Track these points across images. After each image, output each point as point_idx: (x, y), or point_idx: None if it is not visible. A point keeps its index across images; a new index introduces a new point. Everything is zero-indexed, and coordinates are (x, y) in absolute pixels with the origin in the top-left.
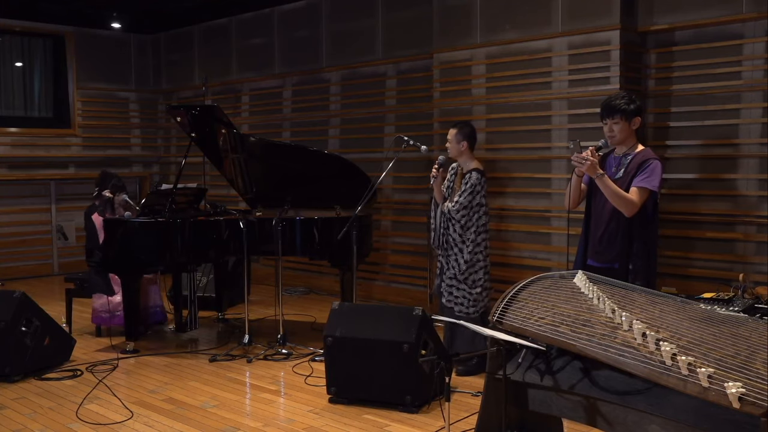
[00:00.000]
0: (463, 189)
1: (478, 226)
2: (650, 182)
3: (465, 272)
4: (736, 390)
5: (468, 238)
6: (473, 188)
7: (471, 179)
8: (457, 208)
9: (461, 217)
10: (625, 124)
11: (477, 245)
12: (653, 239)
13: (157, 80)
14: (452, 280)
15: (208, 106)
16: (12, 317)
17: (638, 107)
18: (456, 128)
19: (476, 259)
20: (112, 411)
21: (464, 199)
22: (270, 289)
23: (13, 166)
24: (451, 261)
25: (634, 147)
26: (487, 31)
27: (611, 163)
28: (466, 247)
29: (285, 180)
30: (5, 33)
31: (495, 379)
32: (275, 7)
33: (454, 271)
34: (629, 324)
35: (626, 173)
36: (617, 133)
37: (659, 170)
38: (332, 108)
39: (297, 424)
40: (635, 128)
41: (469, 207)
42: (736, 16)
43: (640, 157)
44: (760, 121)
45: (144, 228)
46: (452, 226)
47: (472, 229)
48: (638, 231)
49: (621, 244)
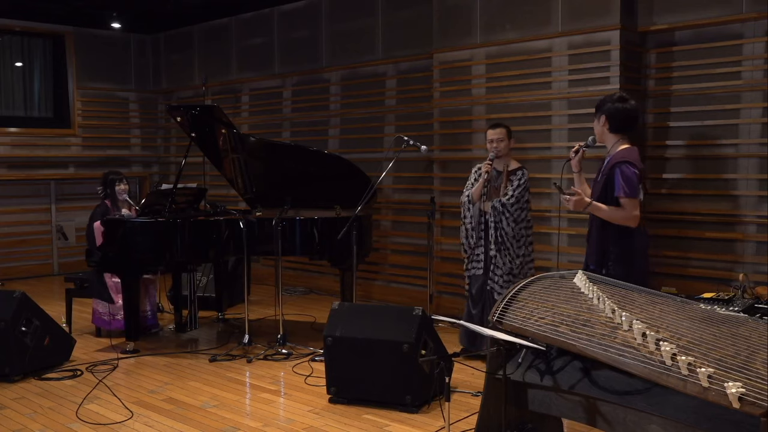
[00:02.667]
0: (516, 184)
1: (527, 221)
2: (627, 191)
3: (520, 266)
4: (736, 390)
5: (520, 233)
6: (526, 184)
7: (523, 176)
8: (512, 201)
9: (515, 210)
10: (595, 121)
11: (527, 238)
12: (633, 247)
13: (157, 80)
14: (509, 276)
15: (208, 106)
16: (12, 317)
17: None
18: (502, 126)
19: (527, 252)
20: (112, 411)
21: (518, 193)
22: (270, 289)
23: (13, 166)
24: (508, 256)
25: (613, 147)
26: (487, 31)
27: (603, 164)
28: (517, 242)
29: (285, 180)
30: (5, 33)
31: (495, 379)
32: (275, 7)
33: (510, 266)
34: (629, 324)
35: (600, 177)
36: (595, 131)
37: (629, 173)
38: (332, 108)
39: (297, 424)
40: (604, 127)
41: (522, 201)
42: (736, 16)
43: (612, 161)
44: (760, 121)
45: (144, 228)
46: (505, 219)
47: (523, 224)
48: (614, 237)
49: (596, 248)
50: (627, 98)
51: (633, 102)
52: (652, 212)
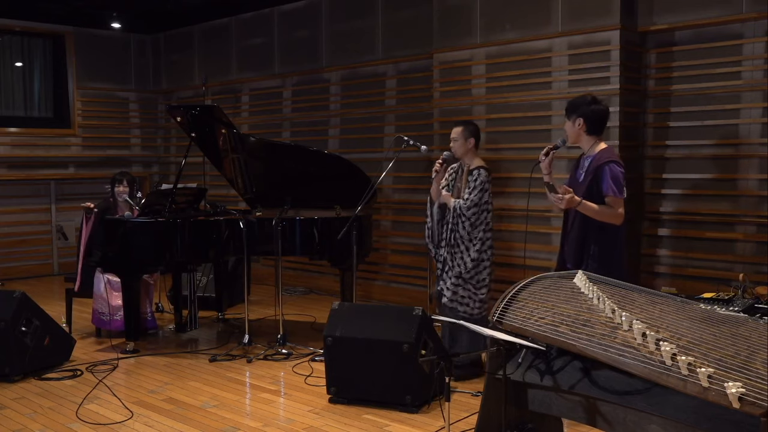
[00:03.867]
0: (473, 186)
1: (486, 224)
2: (614, 190)
3: (471, 271)
4: (736, 390)
5: (476, 236)
6: (482, 186)
7: (480, 177)
8: (468, 205)
9: (471, 214)
10: (568, 124)
11: (483, 243)
12: (613, 245)
13: (157, 80)
14: (458, 279)
15: (208, 106)
16: (12, 317)
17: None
18: (462, 126)
19: (482, 258)
20: (112, 411)
21: (475, 197)
22: (270, 289)
23: (13, 166)
24: (457, 259)
25: (592, 148)
26: (487, 31)
27: (581, 164)
28: (473, 245)
29: (285, 180)
30: (5, 33)
31: (495, 379)
32: (275, 7)
33: (460, 270)
34: (629, 324)
35: (585, 176)
36: (567, 132)
37: (617, 172)
38: (332, 108)
39: (297, 424)
40: (581, 129)
41: (479, 204)
42: (736, 16)
43: (596, 161)
44: (760, 121)
45: (144, 228)
46: (461, 223)
47: (481, 227)
48: (594, 234)
49: (576, 246)
50: (599, 100)
51: (605, 103)
52: (652, 212)
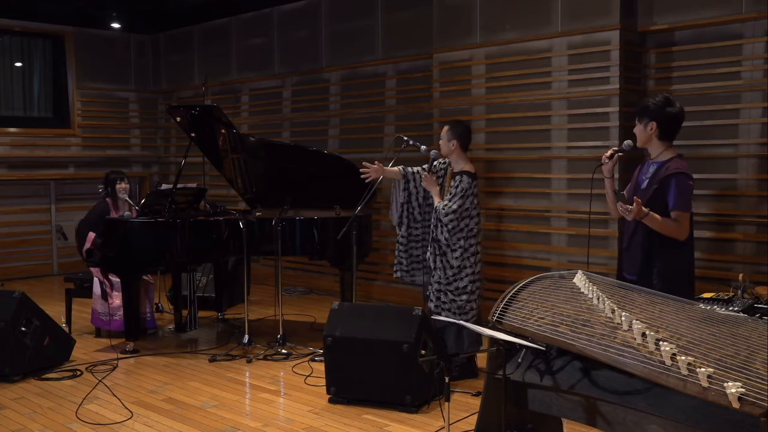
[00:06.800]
0: (453, 193)
1: (468, 231)
2: (683, 205)
3: (450, 278)
4: (736, 390)
5: (455, 243)
6: (464, 192)
7: (461, 183)
8: (446, 211)
9: (449, 221)
10: (639, 127)
11: (465, 251)
12: (676, 261)
13: (156, 80)
14: (439, 285)
15: (208, 106)
16: (12, 317)
17: (652, 112)
18: (449, 125)
19: (463, 266)
20: (112, 411)
21: (454, 204)
22: (270, 289)
23: (13, 166)
24: (438, 263)
25: (662, 154)
26: (486, 31)
27: (645, 169)
28: (453, 252)
29: (285, 180)
30: (5, 33)
31: (495, 379)
32: (275, 7)
33: (440, 275)
34: (629, 324)
35: (649, 184)
36: (636, 135)
37: (686, 185)
38: (332, 108)
39: (297, 424)
40: (653, 133)
41: (458, 212)
42: (736, 16)
43: (663, 170)
44: (760, 121)
45: (144, 228)
46: (441, 227)
47: (460, 235)
48: (657, 250)
49: (641, 259)
50: (673, 101)
51: (679, 104)
52: None
